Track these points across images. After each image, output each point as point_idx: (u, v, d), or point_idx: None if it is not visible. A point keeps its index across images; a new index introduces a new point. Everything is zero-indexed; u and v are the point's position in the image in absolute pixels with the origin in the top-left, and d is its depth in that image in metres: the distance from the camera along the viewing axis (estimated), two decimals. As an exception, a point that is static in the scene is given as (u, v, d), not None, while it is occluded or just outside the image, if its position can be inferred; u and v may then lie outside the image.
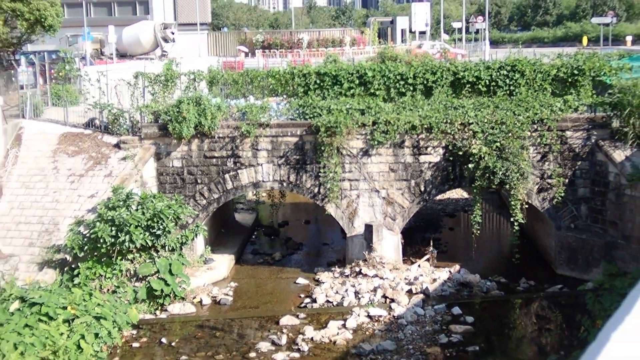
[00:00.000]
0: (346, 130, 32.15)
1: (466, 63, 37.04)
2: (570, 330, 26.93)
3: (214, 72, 37.76)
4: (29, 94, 37.13)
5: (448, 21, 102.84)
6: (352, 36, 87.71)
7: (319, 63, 42.48)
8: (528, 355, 26.57)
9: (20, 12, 39.70)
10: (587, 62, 34.45)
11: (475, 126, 31.95)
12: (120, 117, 34.48)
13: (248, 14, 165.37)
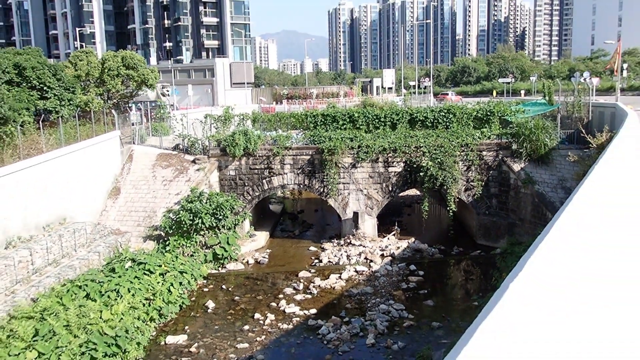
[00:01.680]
0: (341, 151, 32.15)
1: (418, 107, 36.89)
2: (486, 280, 26.81)
3: (256, 114, 37.78)
4: (137, 128, 37.18)
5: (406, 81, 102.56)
6: (344, 90, 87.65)
7: (323, 108, 42.44)
8: (459, 296, 26.44)
9: (132, 76, 39.88)
10: (496, 107, 34.40)
11: (424, 148, 31.89)
12: (196, 143, 34.50)
13: (278, 76, 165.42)
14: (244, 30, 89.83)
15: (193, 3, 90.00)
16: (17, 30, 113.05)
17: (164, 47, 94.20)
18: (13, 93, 29.38)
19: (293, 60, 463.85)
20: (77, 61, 39.62)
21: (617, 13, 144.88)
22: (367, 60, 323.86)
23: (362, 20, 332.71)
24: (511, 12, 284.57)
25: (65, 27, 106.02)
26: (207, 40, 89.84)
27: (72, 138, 30.49)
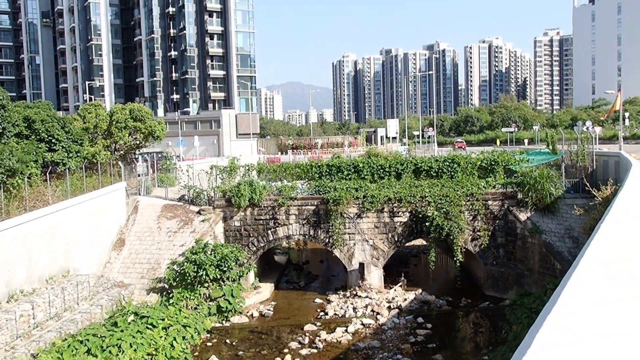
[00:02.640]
0: (346, 201, 32.07)
1: (423, 157, 37.04)
2: (495, 332, 26.16)
3: (261, 165, 38.00)
4: (143, 180, 37.35)
5: (410, 131, 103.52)
6: (349, 140, 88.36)
7: (328, 158, 42.66)
8: (468, 349, 25.75)
9: (139, 128, 40.40)
10: (500, 156, 34.48)
11: (430, 198, 31.79)
12: (201, 194, 34.54)
13: (283, 126, 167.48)
14: (250, 82, 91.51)
15: (200, 57, 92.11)
16: (28, 84, 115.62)
17: (172, 99, 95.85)
18: (22, 145, 29.72)
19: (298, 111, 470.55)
20: (85, 114, 40.27)
21: (616, 63, 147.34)
22: (371, 110, 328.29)
23: (365, 71, 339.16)
24: (512, 63, 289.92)
25: (75, 80, 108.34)
26: (214, 92, 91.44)
27: (79, 189, 30.63)
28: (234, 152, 77.88)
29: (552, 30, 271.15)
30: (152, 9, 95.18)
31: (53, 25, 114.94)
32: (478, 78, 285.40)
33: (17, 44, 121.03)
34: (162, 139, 44.42)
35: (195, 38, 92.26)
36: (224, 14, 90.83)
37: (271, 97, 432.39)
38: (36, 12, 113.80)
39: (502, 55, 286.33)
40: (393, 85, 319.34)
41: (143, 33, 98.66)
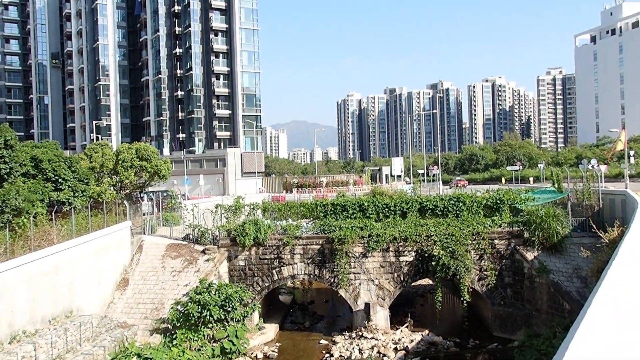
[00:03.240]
0: (351, 240, 31.99)
1: (428, 196, 37.08)
2: (504, 375, 25.64)
3: (266, 204, 38.06)
4: (148, 219, 37.43)
5: (415, 169, 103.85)
6: (354, 179, 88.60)
7: (333, 197, 42.76)
8: (477, 393, 25.21)
9: (145, 167, 40.73)
10: (505, 195, 34.47)
11: (435, 237, 31.68)
12: (206, 233, 34.54)
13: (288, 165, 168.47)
14: (255, 122, 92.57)
15: (207, 97, 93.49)
16: (36, 123, 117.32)
17: (178, 138, 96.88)
18: (28, 185, 29.96)
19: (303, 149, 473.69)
20: (92, 153, 40.69)
21: (620, 102, 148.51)
22: (375, 148, 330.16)
23: (370, 110, 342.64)
24: (515, 101, 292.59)
25: (82, 120, 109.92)
26: (220, 131, 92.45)
27: (84, 229, 30.70)
28: (239, 190, 78.16)
29: (555, 69, 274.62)
30: (160, 50, 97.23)
31: (62, 66, 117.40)
32: (482, 116, 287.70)
33: (26, 85, 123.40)
34: (168, 178, 44.71)
35: (202, 78, 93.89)
36: (231, 54, 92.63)
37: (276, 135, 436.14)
38: (46, 54, 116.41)
39: (506, 94, 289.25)
40: (397, 123, 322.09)
41: (150, 73, 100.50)
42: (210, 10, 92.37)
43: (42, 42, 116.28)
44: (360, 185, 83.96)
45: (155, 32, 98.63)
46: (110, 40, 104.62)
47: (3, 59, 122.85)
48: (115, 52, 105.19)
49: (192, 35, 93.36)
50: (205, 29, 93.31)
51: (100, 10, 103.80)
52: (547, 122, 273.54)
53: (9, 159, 25.67)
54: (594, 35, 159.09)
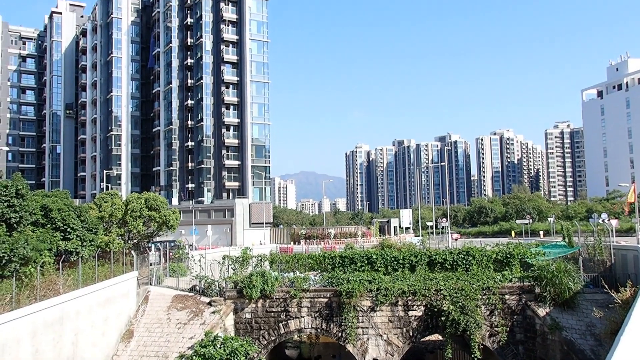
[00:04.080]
0: (359, 294, 31.63)
1: (437, 249, 36.86)
2: None
3: (274, 255, 37.95)
4: (155, 269, 37.30)
5: (423, 221, 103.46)
6: (362, 231, 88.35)
7: (341, 249, 42.59)
8: None
9: (153, 217, 40.94)
10: (516, 249, 34.24)
11: (445, 292, 31.28)
12: (212, 285, 34.30)
13: (296, 215, 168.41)
14: (264, 172, 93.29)
15: (216, 147, 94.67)
16: (47, 172, 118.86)
17: (187, 188, 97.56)
18: (37, 234, 30.12)
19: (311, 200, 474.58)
20: (102, 202, 41.03)
21: (629, 155, 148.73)
22: (384, 200, 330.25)
23: (378, 162, 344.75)
24: (524, 154, 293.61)
25: (93, 169, 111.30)
26: (228, 181, 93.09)
27: (90, 279, 30.59)
28: (247, 241, 77.96)
29: (563, 123, 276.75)
30: (172, 101, 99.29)
31: (76, 116, 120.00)
32: (490, 169, 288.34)
33: (40, 134, 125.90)
34: (176, 228, 44.82)
35: (212, 129, 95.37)
36: (241, 106, 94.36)
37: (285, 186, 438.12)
38: (60, 104, 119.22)
39: (514, 147, 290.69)
40: (406, 175, 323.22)
41: (162, 124, 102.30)
42: (222, 63, 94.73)
43: (57, 92, 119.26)
44: (368, 237, 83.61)
45: (168, 84, 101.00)
46: (124, 92, 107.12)
47: (19, 108, 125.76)
48: (128, 103, 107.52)
49: (204, 87, 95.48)
50: (217, 81, 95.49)
51: (115, 63, 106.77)
52: (556, 175, 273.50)
53: (19, 208, 25.93)
54: (601, 90, 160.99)
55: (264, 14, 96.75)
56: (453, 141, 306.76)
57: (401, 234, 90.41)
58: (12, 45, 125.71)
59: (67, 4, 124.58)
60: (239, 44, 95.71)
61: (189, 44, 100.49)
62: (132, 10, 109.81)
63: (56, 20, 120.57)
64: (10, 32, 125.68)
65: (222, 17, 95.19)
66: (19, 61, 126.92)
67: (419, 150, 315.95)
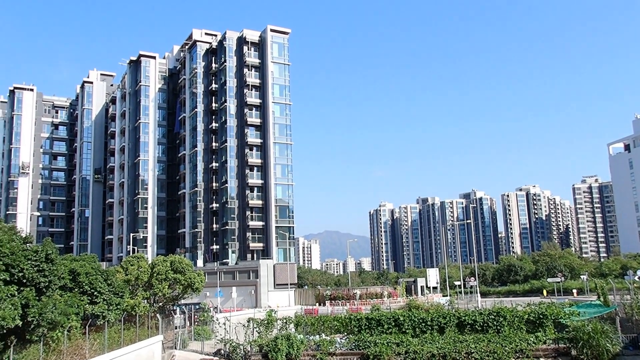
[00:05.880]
0: (387, 357, 30.84)
1: (466, 310, 36.01)
2: None
3: (299, 317, 37.46)
4: (180, 332, 37.11)
5: (451, 280, 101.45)
6: (388, 291, 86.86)
7: (367, 310, 41.91)
8: None
9: (179, 280, 41.10)
10: (549, 309, 33.29)
11: (476, 354, 30.33)
12: (237, 348, 33.86)
13: (321, 275, 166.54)
14: (288, 233, 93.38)
15: (241, 209, 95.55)
16: (76, 235, 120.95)
17: (211, 249, 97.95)
18: (65, 298, 30.41)
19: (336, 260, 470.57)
20: (128, 266, 41.44)
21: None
22: (409, 258, 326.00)
23: (402, 220, 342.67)
24: (552, 210, 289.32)
25: (120, 232, 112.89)
26: (253, 242, 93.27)
27: (116, 343, 30.52)
28: (271, 302, 77.22)
29: (590, 177, 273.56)
30: (197, 164, 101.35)
31: (104, 180, 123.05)
32: (518, 226, 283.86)
33: (69, 198, 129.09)
34: (201, 291, 44.81)
35: (237, 191, 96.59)
36: (264, 167, 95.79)
37: (309, 246, 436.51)
38: (90, 169, 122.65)
39: (541, 203, 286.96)
40: (431, 233, 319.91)
41: (187, 187, 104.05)
42: (246, 126, 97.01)
43: (87, 158, 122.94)
44: (395, 298, 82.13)
45: (193, 147, 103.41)
46: (151, 156, 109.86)
47: (50, 174, 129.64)
48: (155, 167, 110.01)
49: (228, 149, 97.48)
50: (241, 143, 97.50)
51: (143, 129, 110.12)
52: (586, 231, 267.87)
53: (48, 272, 26.32)
54: (628, 144, 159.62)
55: (285, 78, 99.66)
56: (478, 198, 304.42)
57: (428, 294, 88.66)
58: (46, 114, 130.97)
59: (98, 73, 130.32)
60: (262, 107, 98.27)
61: (213, 109, 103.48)
62: (159, 78, 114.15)
63: (87, 89, 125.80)
64: (44, 102, 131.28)
65: (245, 82, 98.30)
66: (51, 129, 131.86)
67: (444, 207, 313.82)
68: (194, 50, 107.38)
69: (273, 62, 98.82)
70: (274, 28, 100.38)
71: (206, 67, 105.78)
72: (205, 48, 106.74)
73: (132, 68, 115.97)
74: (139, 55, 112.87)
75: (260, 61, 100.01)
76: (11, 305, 22.52)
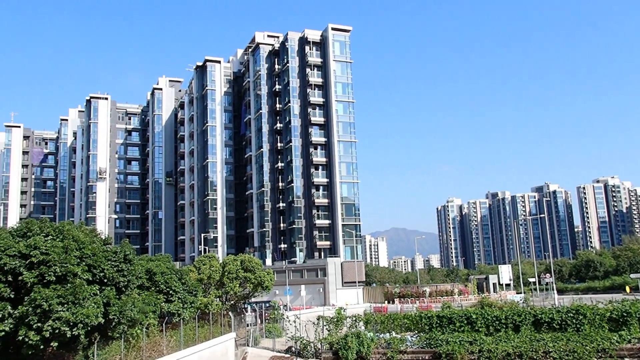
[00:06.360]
0: (460, 356, 30.19)
1: (542, 307, 34.75)
2: None
3: (368, 315, 37.40)
4: (252, 330, 37.86)
5: (525, 277, 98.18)
6: (459, 288, 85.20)
7: (437, 307, 41.24)
8: None
9: (249, 278, 41.97)
10: (633, 306, 31.60)
11: (554, 354, 29.19)
12: (308, 346, 34.20)
13: (388, 273, 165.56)
14: (355, 231, 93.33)
15: (307, 207, 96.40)
16: (150, 236, 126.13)
17: (279, 248, 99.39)
18: (143, 297, 31.72)
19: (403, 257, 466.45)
20: (200, 265, 42.71)
21: None
22: (480, 255, 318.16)
23: (472, 215, 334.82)
24: (633, 202, 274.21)
25: (192, 232, 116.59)
26: (320, 241, 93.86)
27: (191, 340, 31.55)
28: (340, 300, 77.49)
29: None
30: (263, 165, 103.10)
31: (175, 183, 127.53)
32: (596, 219, 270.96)
33: (143, 201, 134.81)
34: (271, 289, 45.56)
35: (302, 190, 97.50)
36: (329, 166, 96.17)
37: (376, 243, 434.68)
38: (161, 172, 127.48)
39: (621, 195, 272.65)
40: (502, 229, 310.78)
41: (254, 187, 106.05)
42: (310, 125, 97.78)
43: (158, 162, 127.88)
44: (466, 295, 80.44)
45: (259, 148, 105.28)
46: (218, 158, 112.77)
47: (125, 178, 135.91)
48: (223, 169, 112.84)
49: (293, 149, 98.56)
50: (306, 143, 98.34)
51: (210, 132, 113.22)
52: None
53: (127, 272, 27.53)
54: None
55: (348, 76, 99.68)
56: (552, 191, 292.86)
57: (501, 292, 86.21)
58: (119, 121, 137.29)
59: (166, 80, 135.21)
60: (325, 106, 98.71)
61: (277, 109, 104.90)
62: (225, 82, 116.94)
63: (157, 96, 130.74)
64: (118, 109, 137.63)
65: (308, 81, 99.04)
66: (125, 135, 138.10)
67: (515, 202, 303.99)
68: (257, 53, 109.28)
69: (335, 60, 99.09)
70: (335, 26, 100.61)
71: (269, 68, 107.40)
72: (268, 50, 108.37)
73: (198, 73, 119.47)
74: (205, 60, 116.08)
75: (322, 60, 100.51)
76: (94, 303, 23.70)
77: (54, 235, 25.45)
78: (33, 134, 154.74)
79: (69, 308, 22.51)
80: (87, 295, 23.47)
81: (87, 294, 23.50)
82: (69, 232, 26.06)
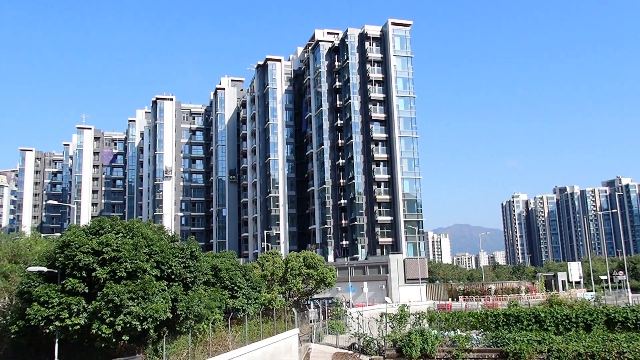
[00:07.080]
0: (528, 355, 29.31)
1: (615, 306, 33.19)
2: None
3: (432, 312, 36.91)
4: (315, 326, 38.11)
5: (596, 274, 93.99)
6: (526, 286, 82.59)
7: (503, 306, 40.15)
8: None
9: (311, 275, 42.26)
10: None
11: (630, 354, 27.81)
12: (371, 343, 34.10)
13: (452, 270, 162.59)
14: (417, 227, 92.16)
15: (368, 204, 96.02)
16: (215, 233, 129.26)
17: (341, 245, 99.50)
18: (209, 292, 32.57)
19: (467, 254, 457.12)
20: (264, 262, 43.39)
21: None
22: (547, 252, 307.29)
23: (538, 211, 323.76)
24: None
25: (254, 229, 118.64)
26: (382, 237, 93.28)
27: (255, 335, 32.13)
28: (402, 297, 76.79)
29: None
30: (324, 162, 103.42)
31: (238, 181, 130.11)
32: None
33: (207, 199, 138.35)
34: (333, 286, 45.70)
35: (364, 186, 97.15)
36: (390, 162, 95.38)
37: (438, 240, 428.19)
38: (225, 171, 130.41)
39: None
40: (571, 225, 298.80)
41: (315, 184, 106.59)
42: (371, 121, 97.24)
43: (222, 160, 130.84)
44: (533, 293, 77.90)
45: (319, 145, 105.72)
46: (280, 156, 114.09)
47: (190, 177, 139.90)
48: (284, 166, 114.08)
49: (354, 146, 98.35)
50: (366, 139, 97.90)
51: (272, 130, 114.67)
52: None
53: (193, 268, 28.32)
54: None
55: (408, 71, 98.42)
56: (624, 185, 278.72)
57: (571, 290, 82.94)
58: (184, 121, 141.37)
59: (228, 80, 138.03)
60: (386, 101, 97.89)
61: (338, 106, 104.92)
62: (285, 80, 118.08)
63: (220, 96, 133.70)
64: (182, 110, 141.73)
65: (368, 77, 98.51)
66: (189, 134, 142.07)
67: (584, 196, 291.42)
68: (317, 50, 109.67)
69: (395, 55, 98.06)
70: (395, 21, 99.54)
71: (329, 65, 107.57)
72: (328, 47, 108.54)
73: (259, 72, 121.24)
74: (265, 59, 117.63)
75: (382, 56, 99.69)
76: (162, 299, 24.52)
77: (124, 232, 26.47)
78: (103, 135, 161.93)
79: (139, 303, 23.37)
80: (156, 291, 24.29)
81: (156, 290, 24.32)
82: (138, 229, 27.05)
